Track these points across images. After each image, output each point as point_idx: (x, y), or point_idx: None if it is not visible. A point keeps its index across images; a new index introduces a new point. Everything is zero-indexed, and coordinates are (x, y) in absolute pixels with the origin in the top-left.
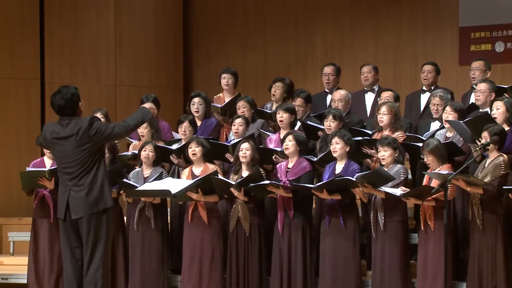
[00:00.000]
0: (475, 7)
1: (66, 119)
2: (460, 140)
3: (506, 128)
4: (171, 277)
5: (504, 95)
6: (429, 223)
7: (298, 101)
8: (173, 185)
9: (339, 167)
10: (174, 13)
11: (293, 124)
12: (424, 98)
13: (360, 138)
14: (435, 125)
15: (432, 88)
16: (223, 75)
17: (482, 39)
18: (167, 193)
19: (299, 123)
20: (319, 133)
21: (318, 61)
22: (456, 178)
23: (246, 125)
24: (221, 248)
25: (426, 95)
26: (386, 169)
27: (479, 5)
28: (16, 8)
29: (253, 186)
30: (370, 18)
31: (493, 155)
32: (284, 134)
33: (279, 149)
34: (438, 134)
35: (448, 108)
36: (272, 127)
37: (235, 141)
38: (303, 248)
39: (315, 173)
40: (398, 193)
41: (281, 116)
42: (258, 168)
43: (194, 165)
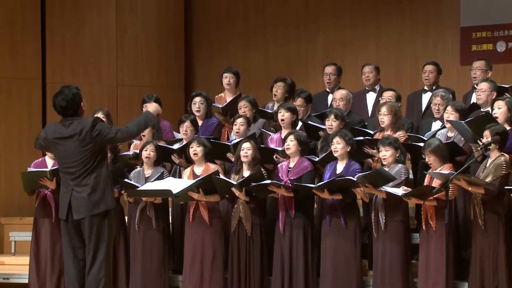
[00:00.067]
0: (477, 7)
1: (69, 120)
2: (461, 140)
3: (508, 128)
4: (172, 277)
5: (506, 95)
6: (431, 223)
7: (299, 101)
8: (174, 185)
9: (340, 167)
10: (176, 13)
11: (295, 124)
12: (426, 98)
13: (362, 138)
14: (437, 125)
15: (434, 88)
16: (225, 74)
17: (484, 39)
18: (168, 193)
19: (301, 123)
20: (320, 133)
21: (319, 61)
22: (458, 178)
23: (248, 125)
24: (223, 248)
25: (428, 95)
26: (387, 169)
27: (481, 5)
28: (18, 8)
29: (254, 186)
30: (372, 18)
31: (494, 155)
32: (286, 134)
33: (280, 149)
34: (439, 134)
35: (449, 108)
36: (273, 127)
37: (237, 141)
38: (305, 248)
39: (317, 173)
40: (400, 193)
41: (283, 115)
42: (260, 168)
43: (195, 165)
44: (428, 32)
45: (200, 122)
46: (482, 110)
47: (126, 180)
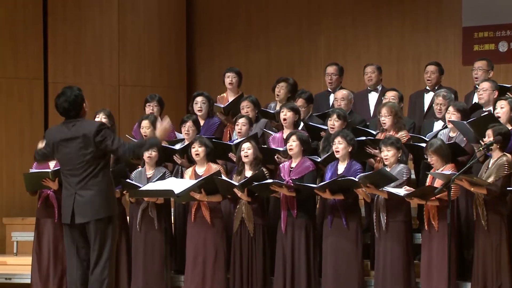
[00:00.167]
0: (479, 7)
1: (72, 121)
2: (463, 140)
3: (510, 128)
4: (174, 278)
5: (508, 94)
6: (433, 223)
7: (300, 102)
8: (176, 185)
9: (341, 167)
10: (178, 13)
11: (297, 124)
12: (428, 98)
13: (364, 138)
14: (439, 125)
15: (436, 88)
16: (227, 74)
17: (486, 39)
18: (170, 193)
19: (302, 123)
20: (322, 134)
21: (321, 61)
22: (460, 178)
23: (250, 125)
24: (225, 248)
25: (430, 95)
26: (389, 169)
27: (483, 5)
28: (20, 8)
29: (257, 185)
30: (373, 18)
31: (497, 155)
32: (288, 134)
33: (281, 149)
34: (441, 134)
35: (451, 109)
36: (275, 127)
37: (238, 141)
38: (307, 248)
39: (319, 173)
40: (402, 193)
41: (285, 114)
42: (262, 169)
43: (197, 165)
44: (430, 32)
45: (202, 122)
46: (484, 110)
47: (128, 180)
